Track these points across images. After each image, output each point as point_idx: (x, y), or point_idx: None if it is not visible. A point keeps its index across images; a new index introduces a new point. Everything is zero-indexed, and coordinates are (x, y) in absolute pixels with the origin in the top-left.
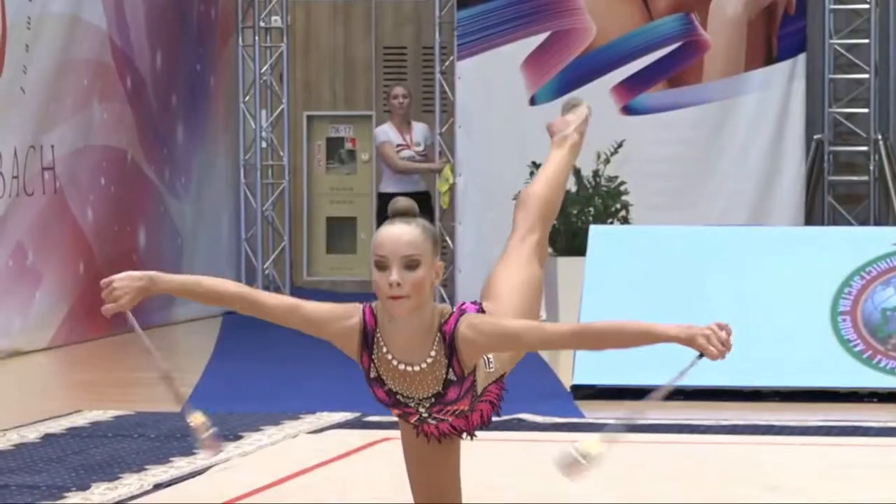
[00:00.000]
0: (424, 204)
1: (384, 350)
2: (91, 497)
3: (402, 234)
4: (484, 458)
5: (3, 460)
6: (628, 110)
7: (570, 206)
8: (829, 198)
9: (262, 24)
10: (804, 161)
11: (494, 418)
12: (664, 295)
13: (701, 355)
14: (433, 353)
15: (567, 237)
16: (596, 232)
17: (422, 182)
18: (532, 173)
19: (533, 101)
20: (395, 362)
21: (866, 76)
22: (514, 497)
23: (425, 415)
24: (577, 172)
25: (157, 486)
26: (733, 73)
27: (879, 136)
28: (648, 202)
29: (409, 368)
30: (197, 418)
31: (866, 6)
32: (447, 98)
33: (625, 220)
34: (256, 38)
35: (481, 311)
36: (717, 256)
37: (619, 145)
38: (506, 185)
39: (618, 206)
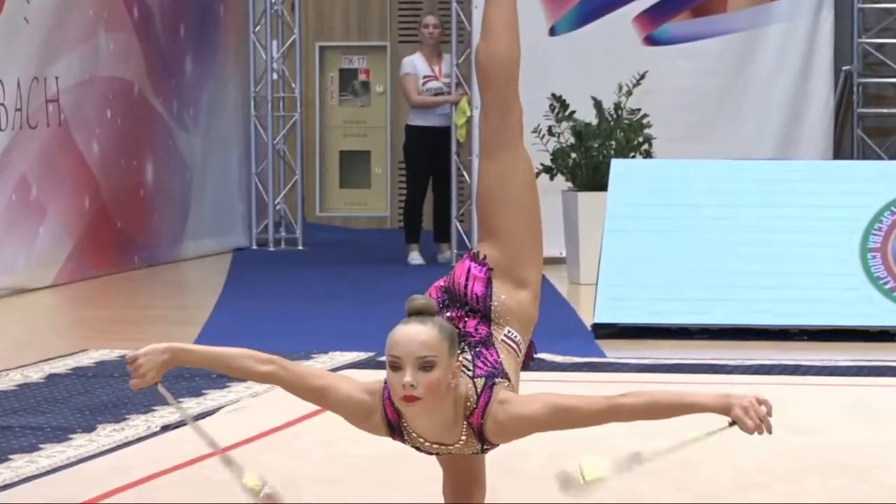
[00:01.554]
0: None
1: (414, 435)
2: (97, 439)
3: (416, 333)
4: None
5: (7, 401)
6: (651, 41)
7: (591, 140)
8: (859, 131)
9: None
10: (832, 93)
11: None
12: (688, 231)
13: (732, 423)
14: (464, 437)
15: (588, 171)
16: (617, 166)
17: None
18: (552, 106)
19: (552, 32)
20: (427, 444)
21: None
22: (529, 440)
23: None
24: (598, 105)
25: (165, 428)
26: (759, 3)
27: None
28: (672, 135)
29: (444, 447)
30: (251, 481)
31: None
32: (464, 28)
33: (647, 154)
34: None
35: (489, 270)
36: (742, 191)
37: (642, 77)
38: (525, 117)
39: (640, 139)
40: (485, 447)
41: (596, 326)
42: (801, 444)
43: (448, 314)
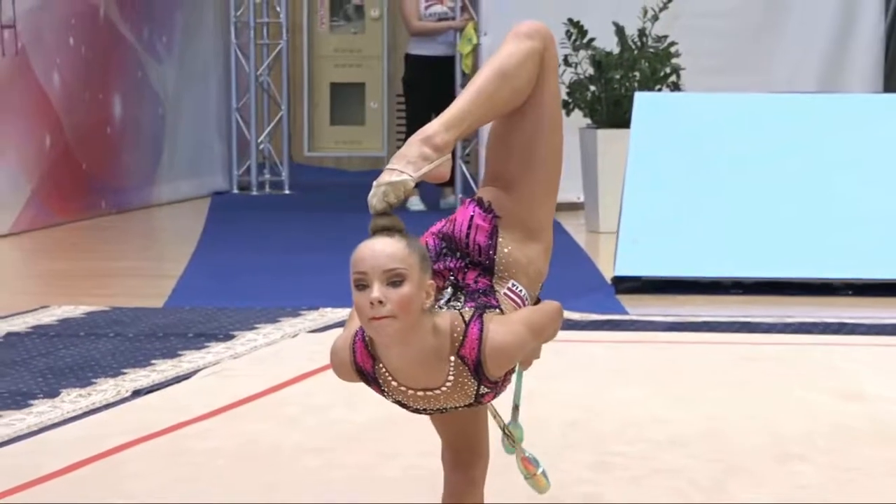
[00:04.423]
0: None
1: (394, 384)
2: (61, 405)
3: (383, 247)
4: None
5: None
6: None
7: (613, 71)
8: None
9: None
10: (884, 17)
11: None
12: (719, 174)
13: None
14: (451, 378)
15: (609, 106)
16: (642, 100)
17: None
18: (568, 32)
19: None
20: (410, 391)
21: None
22: (546, 407)
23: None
24: (619, 31)
25: (137, 393)
26: None
27: None
28: (702, 65)
29: (430, 393)
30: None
31: None
32: None
33: (675, 87)
34: None
35: (495, 219)
36: (781, 129)
37: (669, 0)
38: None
39: (667, 70)
40: (480, 390)
41: (617, 280)
42: (848, 411)
43: (446, 264)
